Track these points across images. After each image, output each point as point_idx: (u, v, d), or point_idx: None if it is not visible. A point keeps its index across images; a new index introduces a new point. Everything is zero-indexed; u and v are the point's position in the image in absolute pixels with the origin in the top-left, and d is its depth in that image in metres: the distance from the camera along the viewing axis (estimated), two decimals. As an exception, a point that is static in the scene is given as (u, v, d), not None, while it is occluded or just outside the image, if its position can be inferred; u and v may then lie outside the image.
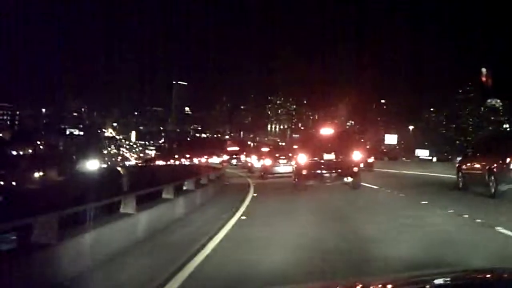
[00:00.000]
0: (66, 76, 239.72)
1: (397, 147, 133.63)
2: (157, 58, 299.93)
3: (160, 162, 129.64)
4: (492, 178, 18.57)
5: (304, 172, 25.51)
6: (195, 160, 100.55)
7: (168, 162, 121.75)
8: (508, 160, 17.89)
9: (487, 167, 19.17)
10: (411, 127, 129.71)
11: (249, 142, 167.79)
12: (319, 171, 25.41)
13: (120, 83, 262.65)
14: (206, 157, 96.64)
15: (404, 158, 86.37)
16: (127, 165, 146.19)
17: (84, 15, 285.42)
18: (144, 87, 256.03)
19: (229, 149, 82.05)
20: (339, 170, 25.16)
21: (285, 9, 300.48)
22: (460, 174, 22.67)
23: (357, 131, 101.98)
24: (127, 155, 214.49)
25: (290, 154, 38.27)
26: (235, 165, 61.28)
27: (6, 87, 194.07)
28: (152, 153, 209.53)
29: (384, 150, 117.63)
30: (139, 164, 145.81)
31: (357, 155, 25.75)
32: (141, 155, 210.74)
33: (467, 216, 14.12)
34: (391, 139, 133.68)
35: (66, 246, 8.80)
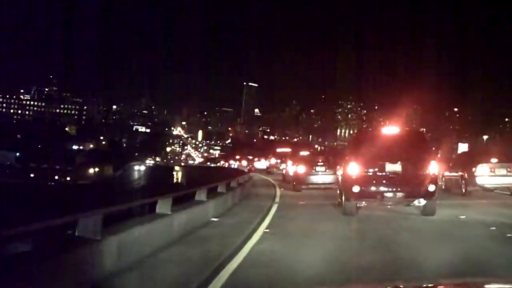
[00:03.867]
0: (138, 75, 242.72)
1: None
2: (229, 59, 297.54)
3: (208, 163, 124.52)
4: (463, 182, 24.65)
5: (356, 188, 16.91)
6: (244, 163, 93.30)
7: (213, 164, 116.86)
8: (473, 169, 23.87)
9: (460, 174, 25.14)
10: (485, 137, 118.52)
11: (316, 146, 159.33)
12: (377, 188, 16.94)
13: (192, 83, 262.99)
14: (256, 159, 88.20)
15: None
16: (182, 164, 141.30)
17: (156, 16, 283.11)
18: (215, 88, 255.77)
19: (278, 151, 70.56)
20: (408, 188, 16.83)
21: (353, 15, 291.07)
22: (443, 179, 26.77)
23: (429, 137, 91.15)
24: (192, 154, 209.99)
25: (331, 159, 31.91)
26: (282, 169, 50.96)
27: (79, 84, 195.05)
28: (216, 153, 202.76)
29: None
30: (183, 165, 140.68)
31: (434, 167, 17.28)
32: (205, 154, 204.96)
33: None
34: (464, 148, 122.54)
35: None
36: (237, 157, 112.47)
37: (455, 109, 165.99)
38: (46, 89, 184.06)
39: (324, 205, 20.98)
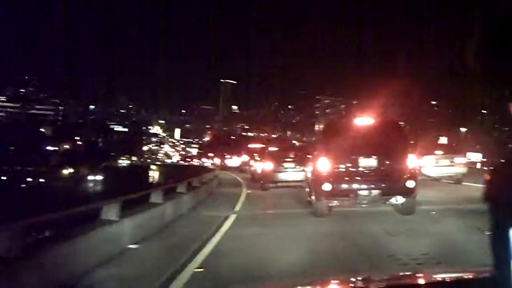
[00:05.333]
0: (116, 74, 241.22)
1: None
2: (207, 57, 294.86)
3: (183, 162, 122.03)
4: None
5: (327, 186, 14.93)
6: (217, 161, 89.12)
7: (185, 163, 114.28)
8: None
9: None
10: (463, 129, 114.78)
11: (293, 142, 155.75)
12: (350, 186, 15.14)
13: (169, 81, 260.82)
14: (228, 157, 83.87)
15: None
16: (158, 163, 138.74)
17: (133, 12, 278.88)
18: (193, 86, 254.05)
19: (250, 147, 64.76)
20: (384, 185, 15.03)
21: (330, 9, 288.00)
22: None
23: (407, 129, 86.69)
24: (170, 152, 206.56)
25: (300, 154, 28.61)
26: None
27: (54, 83, 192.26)
28: (194, 151, 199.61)
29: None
30: (159, 164, 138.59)
31: (412, 161, 15.49)
32: (183, 153, 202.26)
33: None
34: (443, 141, 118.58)
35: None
36: (210, 154, 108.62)
37: (434, 102, 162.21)
38: (23, 90, 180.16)
39: (298, 215, 16.43)
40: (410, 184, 14.92)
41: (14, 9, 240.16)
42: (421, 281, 3.18)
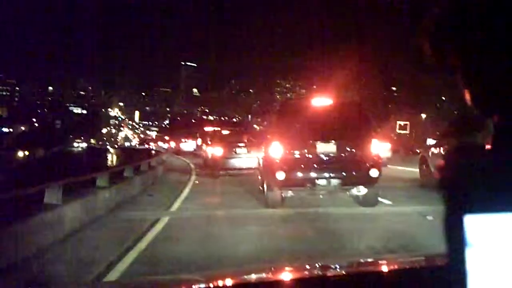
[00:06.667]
0: (76, 56, 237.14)
1: (408, 135, 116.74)
2: (167, 39, 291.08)
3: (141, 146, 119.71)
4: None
5: (280, 174, 13.34)
6: (172, 144, 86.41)
7: (141, 147, 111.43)
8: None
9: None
10: (423, 115, 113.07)
11: (255, 126, 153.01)
12: (307, 174, 13.59)
13: (130, 63, 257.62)
14: (184, 140, 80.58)
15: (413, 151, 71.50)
16: (116, 146, 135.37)
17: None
18: (153, 68, 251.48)
19: (206, 130, 61.05)
20: (345, 174, 13.58)
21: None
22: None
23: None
24: (129, 135, 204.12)
25: (253, 139, 26.37)
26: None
27: (11, 63, 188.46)
28: (153, 134, 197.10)
29: (395, 139, 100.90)
30: (116, 147, 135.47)
31: (376, 147, 14.09)
32: (142, 136, 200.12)
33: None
34: (403, 127, 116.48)
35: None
36: (166, 138, 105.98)
37: (393, 88, 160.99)
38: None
39: (253, 217, 12.71)
40: (374, 173, 13.54)
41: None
42: (379, 269, 3.00)
